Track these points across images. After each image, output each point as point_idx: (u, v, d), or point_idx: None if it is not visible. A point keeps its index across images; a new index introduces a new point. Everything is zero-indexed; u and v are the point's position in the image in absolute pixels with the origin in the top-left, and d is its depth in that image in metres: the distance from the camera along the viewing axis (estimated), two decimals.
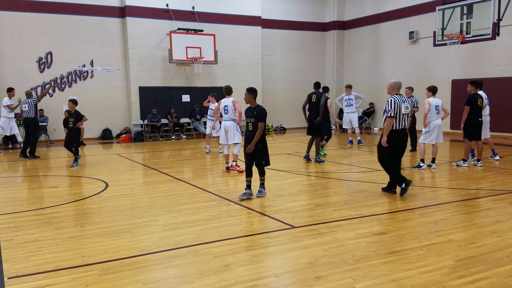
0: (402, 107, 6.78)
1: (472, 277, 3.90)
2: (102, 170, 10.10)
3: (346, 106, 13.89)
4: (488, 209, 6.25)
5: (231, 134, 9.37)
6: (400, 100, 6.81)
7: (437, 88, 9.72)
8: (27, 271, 4.16)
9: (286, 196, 7.20)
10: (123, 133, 17.30)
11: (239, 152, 9.57)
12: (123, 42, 17.33)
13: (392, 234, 5.13)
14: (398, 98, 6.83)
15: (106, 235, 5.25)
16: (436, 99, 9.58)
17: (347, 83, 16.85)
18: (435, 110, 9.50)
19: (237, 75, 19.13)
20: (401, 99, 6.85)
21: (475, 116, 9.33)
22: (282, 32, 20.72)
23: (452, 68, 16.29)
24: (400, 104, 6.77)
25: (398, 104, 6.76)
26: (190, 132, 18.43)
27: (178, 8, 17.81)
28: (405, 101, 6.86)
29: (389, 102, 6.77)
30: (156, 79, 17.79)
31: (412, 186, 7.92)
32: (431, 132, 9.57)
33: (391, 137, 6.83)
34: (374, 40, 19.89)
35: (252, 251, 4.64)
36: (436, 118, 9.54)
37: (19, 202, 7.14)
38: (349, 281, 3.84)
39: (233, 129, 9.36)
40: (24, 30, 15.72)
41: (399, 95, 6.88)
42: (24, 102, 12.58)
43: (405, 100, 6.88)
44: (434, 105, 9.48)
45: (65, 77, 16.57)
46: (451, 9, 13.54)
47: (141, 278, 4.01)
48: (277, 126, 20.64)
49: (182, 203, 6.79)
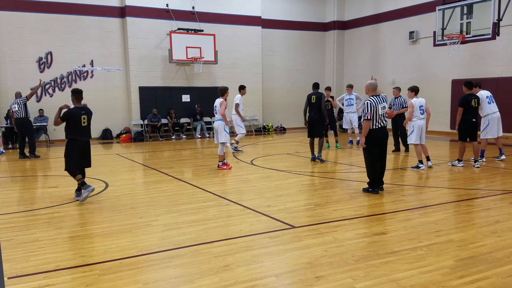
0: (378, 108, 7.02)
1: (472, 277, 3.90)
2: (102, 170, 10.10)
3: (346, 106, 13.89)
4: (488, 209, 6.25)
5: (219, 134, 9.77)
6: (376, 101, 7.04)
7: (418, 88, 9.71)
8: (27, 271, 4.16)
9: (286, 196, 7.20)
10: (123, 133, 17.30)
11: None
12: (123, 42, 17.33)
13: (392, 234, 5.13)
14: (375, 99, 7.06)
15: (106, 235, 5.25)
16: (420, 99, 9.55)
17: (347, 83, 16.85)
18: (419, 110, 9.49)
19: (237, 75, 19.13)
20: (378, 99, 7.07)
21: (469, 117, 9.33)
22: (282, 32, 20.72)
23: (452, 68, 16.29)
24: (376, 105, 7.01)
25: (374, 105, 6.99)
26: (190, 132, 18.44)
27: (178, 8, 17.81)
28: (382, 101, 7.10)
29: (366, 105, 7.03)
30: (156, 79, 17.79)
31: (412, 186, 7.94)
32: (414, 132, 9.49)
33: (369, 136, 7.08)
34: (374, 40, 19.89)
35: (252, 251, 4.64)
36: (420, 118, 9.46)
37: (19, 202, 7.14)
38: (349, 281, 3.84)
39: (220, 129, 9.71)
40: (24, 30, 15.72)
41: (375, 96, 7.11)
42: (13, 103, 12.42)
43: (382, 100, 7.11)
44: (417, 105, 9.46)
45: (65, 77, 16.57)
46: (451, 9, 13.55)
47: (141, 278, 4.01)
48: (277, 126, 20.64)
49: (182, 203, 6.79)
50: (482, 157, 10.24)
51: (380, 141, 7.16)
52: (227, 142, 9.97)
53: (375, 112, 6.99)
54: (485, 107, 9.95)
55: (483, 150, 10.27)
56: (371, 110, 6.98)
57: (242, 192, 7.55)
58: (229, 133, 10.00)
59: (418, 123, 9.47)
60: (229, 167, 9.91)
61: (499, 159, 10.34)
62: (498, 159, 10.36)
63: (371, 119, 7.00)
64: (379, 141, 7.15)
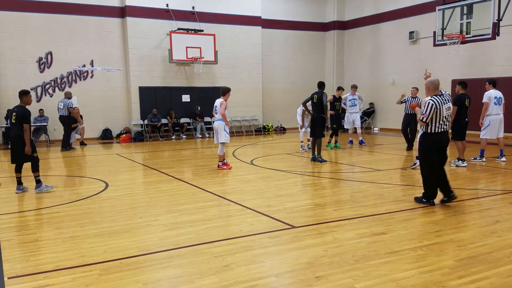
0: (443, 109, 6.08)
1: (472, 277, 3.90)
2: (102, 170, 10.10)
3: (350, 106, 13.85)
4: (488, 209, 6.25)
5: (219, 134, 9.75)
6: (440, 101, 6.08)
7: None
8: (27, 271, 4.16)
9: (286, 196, 7.20)
10: (123, 133, 17.30)
11: None
12: (123, 42, 17.32)
13: (392, 234, 5.13)
14: (438, 99, 6.09)
15: (106, 235, 5.25)
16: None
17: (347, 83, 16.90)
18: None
19: (237, 75, 19.14)
20: (441, 99, 6.11)
21: (462, 116, 9.44)
22: (282, 32, 20.72)
23: (452, 68, 16.28)
24: (440, 106, 6.06)
25: (438, 106, 6.05)
26: (190, 132, 18.44)
27: (178, 8, 17.80)
28: (447, 101, 6.14)
29: (427, 106, 6.08)
30: (156, 79, 17.79)
31: (412, 186, 7.94)
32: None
33: (430, 141, 6.24)
34: (374, 40, 19.89)
35: (252, 251, 4.64)
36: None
37: (19, 202, 7.14)
38: (349, 281, 3.84)
39: (220, 129, 9.69)
40: (24, 30, 15.72)
41: (439, 96, 6.16)
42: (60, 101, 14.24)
43: (447, 100, 6.16)
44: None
45: (65, 77, 16.56)
46: (451, 9, 13.54)
47: (141, 278, 4.01)
48: (277, 126, 20.64)
49: (182, 203, 6.79)
50: (482, 157, 10.24)
51: (442, 146, 6.28)
52: (227, 142, 9.98)
53: (439, 113, 6.07)
54: (491, 106, 9.97)
55: (483, 150, 10.27)
56: (432, 112, 6.05)
57: (242, 192, 7.55)
58: (229, 133, 10.01)
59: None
60: (229, 167, 9.91)
61: (499, 159, 10.35)
62: (498, 159, 10.36)
63: (427, 122, 6.13)
64: (441, 146, 6.27)
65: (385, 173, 9.11)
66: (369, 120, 19.93)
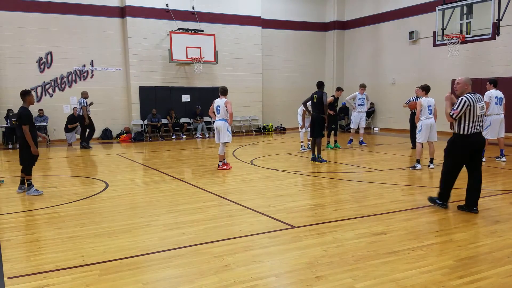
0: (477, 107, 5.74)
1: (472, 277, 3.90)
2: (102, 170, 10.10)
3: (359, 106, 13.77)
4: (488, 209, 6.25)
5: (222, 134, 9.68)
6: (474, 99, 5.75)
7: (429, 87, 9.71)
8: (27, 271, 4.16)
9: (286, 196, 7.20)
10: (123, 133, 17.30)
11: None
12: (123, 42, 17.32)
13: (392, 234, 5.13)
14: (472, 97, 5.76)
15: (106, 235, 5.25)
16: (429, 98, 9.59)
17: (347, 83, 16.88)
18: (428, 110, 9.50)
19: (237, 75, 19.14)
20: (475, 98, 5.77)
21: None
22: (282, 32, 20.71)
23: (452, 68, 16.28)
24: (474, 104, 5.72)
25: (471, 104, 5.71)
26: (190, 132, 18.44)
27: (178, 8, 17.80)
28: (480, 100, 5.81)
29: (459, 102, 5.75)
30: (156, 79, 17.79)
31: (412, 186, 7.95)
32: (423, 132, 9.53)
33: (462, 143, 5.88)
34: (374, 40, 19.88)
35: (252, 251, 4.64)
36: (428, 117, 9.49)
37: (19, 202, 7.14)
38: (349, 281, 3.84)
39: (223, 129, 9.64)
40: (24, 30, 15.72)
41: (472, 94, 5.81)
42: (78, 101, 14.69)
43: (480, 99, 5.83)
44: (426, 105, 9.47)
45: (65, 77, 16.56)
46: (451, 9, 13.54)
47: (141, 278, 4.01)
48: (277, 126, 20.64)
49: (182, 203, 6.79)
50: (482, 157, 10.20)
51: (475, 149, 5.89)
52: (229, 142, 9.93)
53: (472, 112, 5.73)
54: (491, 106, 9.96)
55: (483, 150, 10.24)
56: (464, 108, 5.69)
57: (242, 192, 7.55)
58: (231, 133, 9.97)
59: (426, 122, 9.49)
60: (229, 167, 9.91)
61: (499, 159, 10.34)
62: (499, 159, 10.36)
63: (456, 119, 5.82)
64: (474, 148, 5.88)
65: (385, 173, 9.11)
66: (369, 120, 19.92)
